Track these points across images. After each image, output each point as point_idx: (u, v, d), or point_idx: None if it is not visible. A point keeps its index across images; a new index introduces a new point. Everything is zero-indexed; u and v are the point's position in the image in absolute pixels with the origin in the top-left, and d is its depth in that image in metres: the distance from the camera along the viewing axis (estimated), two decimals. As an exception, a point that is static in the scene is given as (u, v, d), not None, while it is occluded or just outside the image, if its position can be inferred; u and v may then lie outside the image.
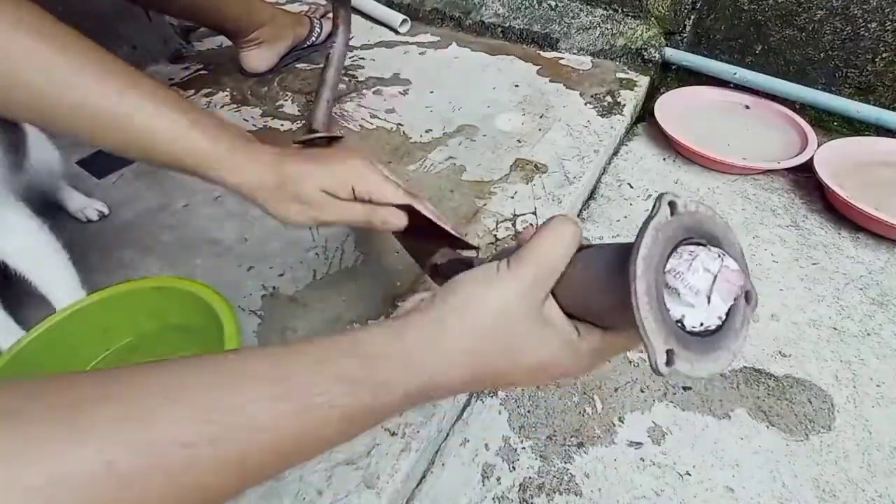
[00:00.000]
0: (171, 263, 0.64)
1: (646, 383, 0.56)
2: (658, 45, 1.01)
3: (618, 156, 0.88)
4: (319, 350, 0.27)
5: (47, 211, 0.70)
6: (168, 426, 0.21)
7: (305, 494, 0.42)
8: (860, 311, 0.63)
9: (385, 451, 0.45)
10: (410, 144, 0.83)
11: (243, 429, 0.23)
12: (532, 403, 0.55)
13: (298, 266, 0.63)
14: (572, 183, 0.73)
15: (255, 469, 0.24)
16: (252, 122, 0.88)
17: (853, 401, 0.54)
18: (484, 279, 0.29)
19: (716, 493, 0.48)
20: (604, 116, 0.87)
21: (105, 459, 0.20)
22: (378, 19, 1.20)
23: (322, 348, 0.27)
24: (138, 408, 0.21)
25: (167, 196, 0.73)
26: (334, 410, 0.25)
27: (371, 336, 0.28)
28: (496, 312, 0.28)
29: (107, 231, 0.68)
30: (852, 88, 0.90)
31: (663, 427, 0.52)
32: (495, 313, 0.28)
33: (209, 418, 0.22)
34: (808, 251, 0.71)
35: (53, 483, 0.19)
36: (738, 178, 0.83)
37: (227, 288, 0.60)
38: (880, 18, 0.83)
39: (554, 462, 0.50)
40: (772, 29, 0.92)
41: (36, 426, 0.19)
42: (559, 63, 1.03)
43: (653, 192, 0.80)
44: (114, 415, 0.21)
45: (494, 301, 0.28)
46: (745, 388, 0.56)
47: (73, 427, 0.20)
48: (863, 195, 0.71)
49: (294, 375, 0.25)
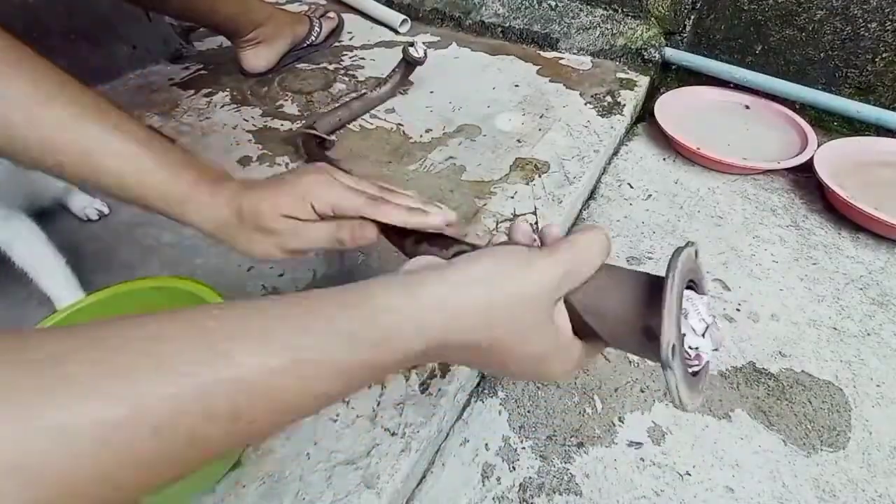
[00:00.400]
0: (171, 263, 0.64)
1: (646, 383, 0.56)
2: (658, 45, 1.01)
3: (618, 156, 0.88)
4: (319, 302, 0.26)
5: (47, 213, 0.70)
6: (151, 379, 0.20)
7: (305, 494, 0.42)
8: (860, 311, 0.63)
9: (385, 451, 0.45)
10: (410, 144, 0.83)
11: (229, 381, 0.22)
12: (532, 403, 0.55)
13: (298, 266, 0.63)
14: (572, 183, 0.73)
15: (249, 423, 0.23)
16: (252, 122, 0.88)
17: (853, 401, 0.54)
18: (515, 259, 0.29)
19: (716, 493, 0.48)
20: (604, 116, 0.87)
21: (87, 412, 0.19)
22: (378, 19, 1.20)
23: (324, 300, 0.26)
24: (120, 362, 0.21)
25: (167, 196, 0.73)
26: (325, 366, 0.25)
27: (385, 290, 0.27)
28: (519, 293, 0.28)
29: (107, 231, 0.68)
30: (852, 88, 0.90)
31: (663, 427, 0.52)
32: (518, 293, 0.28)
33: (193, 371, 0.21)
34: (808, 251, 0.71)
35: (32, 436, 0.18)
36: (738, 178, 0.83)
37: (227, 288, 0.60)
38: (880, 18, 0.83)
39: (554, 462, 0.50)
40: (772, 29, 0.92)
41: (13, 379, 0.19)
42: (559, 63, 1.03)
43: (653, 192, 0.80)
44: (95, 370, 0.20)
45: (522, 281, 0.28)
46: (745, 388, 0.56)
47: (51, 379, 0.19)
48: (863, 195, 0.71)
49: (279, 329, 0.24)
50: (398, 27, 1.16)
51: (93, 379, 0.20)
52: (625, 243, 0.72)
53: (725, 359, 0.58)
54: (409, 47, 0.84)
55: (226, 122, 0.88)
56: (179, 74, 1.01)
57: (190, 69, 1.03)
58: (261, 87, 0.98)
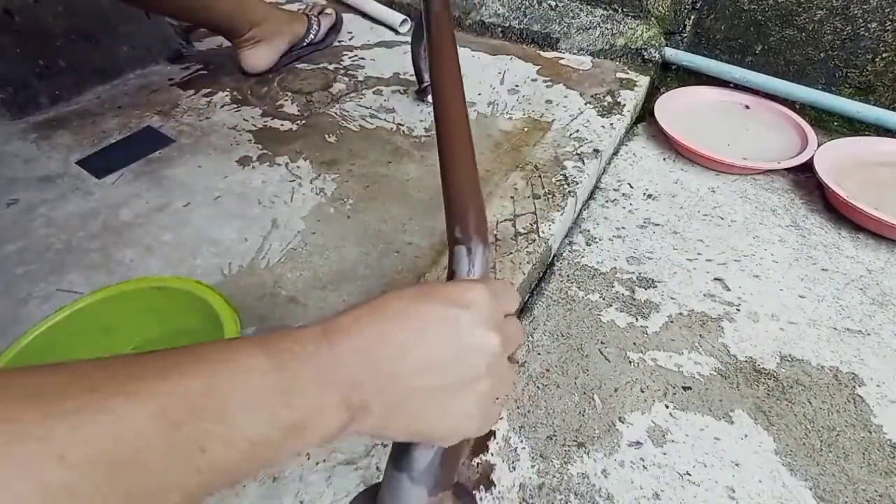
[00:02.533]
0: (171, 263, 0.64)
1: (646, 383, 0.56)
2: (658, 45, 1.01)
3: (618, 156, 0.88)
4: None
5: (47, 214, 0.70)
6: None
7: (305, 494, 0.42)
8: (860, 311, 0.63)
9: (385, 451, 0.45)
10: (410, 144, 0.83)
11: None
12: (532, 403, 0.55)
13: (298, 266, 0.63)
14: (572, 183, 0.73)
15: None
16: (252, 122, 0.88)
17: (853, 401, 0.54)
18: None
19: (716, 493, 0.48)
20: (604, 116, 0.87)
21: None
22: (378, 19, 1.20)
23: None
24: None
25: (167, 196, 0.73)
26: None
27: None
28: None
29: (107, 231, 0.68)
30: (852, 88, 0.90)
31: (663, 427, 0.52)
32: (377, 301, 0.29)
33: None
34: (808, 251, 0.71)
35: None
36: (738, 178, 0.83)
37: (226, 288, 0.60)
38: (880, 18, 0.83)
39: (554, 462, 0.50)
40: (772, 29, 0.92)
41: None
42: (559, 63, 1.03)
43: (653, 192, 0.80)
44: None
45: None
46: (745, 388, 0.56)
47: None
48: (863, 195, 0.71)
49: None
50: (398, 27, 1.16)
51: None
52: (625, 244, 0.72)
53: (725, 358, 0.58)
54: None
55: (226, 122, 0.88)
56: (179, 74, 1.02)
57: (190, 69, 1.03)
58: (261, 87, 0.98)
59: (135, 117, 0.88)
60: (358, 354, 0.25)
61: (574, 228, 0.75)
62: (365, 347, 0.25)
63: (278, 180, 0.76)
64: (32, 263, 0.63)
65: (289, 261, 0.64)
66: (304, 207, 0.71)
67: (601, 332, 0.61)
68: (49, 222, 0.69)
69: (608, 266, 0.69)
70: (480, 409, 0.29)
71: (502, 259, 0.62)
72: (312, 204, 0.72)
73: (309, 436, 0.24)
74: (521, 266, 0.61)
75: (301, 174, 0.77)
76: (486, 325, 0.28)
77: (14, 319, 0.57)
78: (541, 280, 0.68)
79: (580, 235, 0.74)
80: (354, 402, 0.25)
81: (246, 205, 0.72)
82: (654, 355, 0.59)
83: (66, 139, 0.83)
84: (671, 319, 0.62)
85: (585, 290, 0.66)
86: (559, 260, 0.70)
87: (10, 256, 0.64)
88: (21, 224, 0.68)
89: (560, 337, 0.61)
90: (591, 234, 0.74)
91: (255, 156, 0.80)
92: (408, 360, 0.26)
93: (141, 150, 0.81)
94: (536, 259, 0.63)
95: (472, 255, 0.32)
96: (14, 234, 0.67)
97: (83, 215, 0.70)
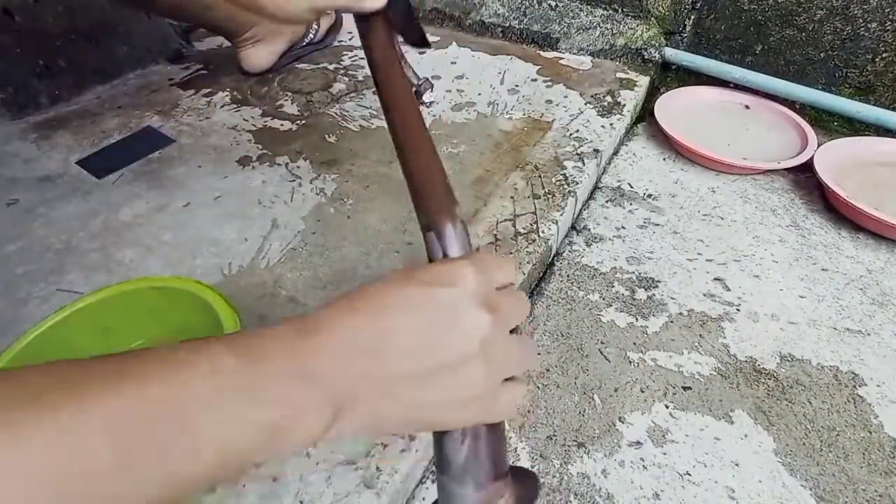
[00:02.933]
0: (171, 263, 0.64)
1: (646, 383, 0.56)
2: (658, 45, 1.01)
3: (618, 156, 0.88)
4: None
5: (47, 214, 0.70)
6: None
7: (305, 494, 0.42)
8: (860, 311, 0.63)
9: (385, 452, 0.45)
10: (410, 144, 0.83)
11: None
12: (532, 403, 0.55)
13: (298, 266, 0.63)
14: (572, 183, 0.73)
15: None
16: (252, 122, 0.88)
17: (853, 401, 0.54)
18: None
19: (716, 494, 0.48)
20: (604, 116, 0.87)
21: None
22: (378, 19, 1.20)
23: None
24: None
25: (167, 196, 0.73)
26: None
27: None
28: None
29: (107, 231, 0.68)
30: (852, 88, 0.90)
31: (663, 427, 0.52)
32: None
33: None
34: (808, 251, 0.71)
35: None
36: (738, 178, 0.83)
37: (226, 288, 0.60)
38: (880, 18, 0.83)
39: (554, 462, 0.50)
40: (772, 29, 0.92)
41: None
42: (559, 63, 1.03)
43: (653, 192, 0.80)
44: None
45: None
46: (745, 388, 0.56)
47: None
48: (863, 195, 0.71)
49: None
50: (398, 27, 1.16)
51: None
52: (625, 244, 0.72)
53: (725, 358, 0.58)
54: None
55: (226, 122, 0.88)
56: (179, 74, 1.01)
57: (190, 69, 1.03)
58: (261, 87, 0.98)
59: (135, 117, 0.88)
60: (336, 348, 0.24)
61: (574, 228, 0.75)
62: (343, 339, 0.24)
63: (278, 180, 0.76)
64: (32, 263, 0.63)
65: (289, 261, 0.64)
66: (304, 207, 0.71)
67: (601, 332, 0.61)
68: (49, 222, 0.69)
69: (608, 266, 0.69)
70: (479, 390, 0.27)
71: (502, 259, 0.62)
72: (312, 204, 0.72)
73: (289, 436, 0.23)
74: (521, 266, 0.61)
75: (301, 174, 0.77)
76: (471, 301, 0.26)
77: (14, 319, 0.57)
78: (541, 280, 0.68)
79: (580, 235, 0.74)
80: (337, 398, 0.24)
81: (246, 205, 0.72)
82: (654, 355, 0.59)
83: (66, 139, 0.83)
84: (671, 319, 0.62)
85: (585, 290, 0.66)
86: (559, 260, 0.70)
87: (10, 256, 0.64)
88: (21, 224, 0.68)
89: (560, 337, 0.61)
90: (592, 234, 0.74)
91: (255, 156, 0.80)
92: (389, 349, 0.25)
93: (141, 150, 0.81)
94: (536, 259, 0.63)
95: (442, 238, 0.31)
96: (14, 234, 0.67)
97: (83, 215, 0.70)
